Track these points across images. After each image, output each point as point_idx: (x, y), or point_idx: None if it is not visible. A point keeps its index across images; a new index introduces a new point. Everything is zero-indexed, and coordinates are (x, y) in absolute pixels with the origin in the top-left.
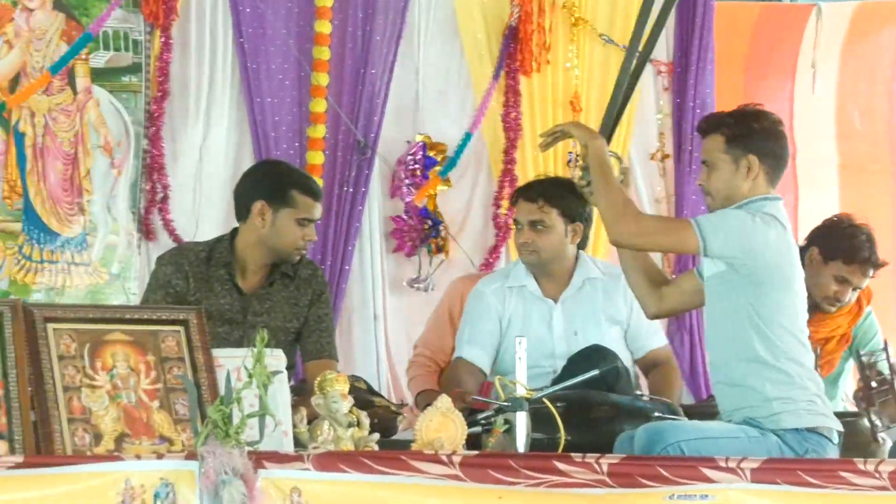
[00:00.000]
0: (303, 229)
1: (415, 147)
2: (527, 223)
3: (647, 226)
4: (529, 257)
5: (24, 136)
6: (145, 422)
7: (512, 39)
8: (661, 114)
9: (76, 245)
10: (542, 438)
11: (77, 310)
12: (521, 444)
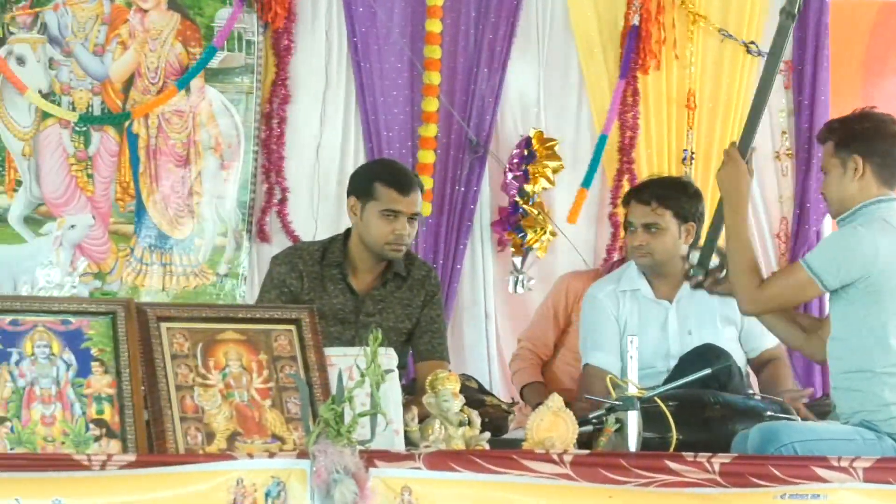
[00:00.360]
0: (391, 223)
1: (524, 140)
2: (640, 226)
3: (769, 295)
4: (643, 260)
5: (137, 137)
6: (257, 421)
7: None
8: (783, 112)
9: (185, 247)
10: (654, 438)
11: (190, 309)
12: (632, 443)
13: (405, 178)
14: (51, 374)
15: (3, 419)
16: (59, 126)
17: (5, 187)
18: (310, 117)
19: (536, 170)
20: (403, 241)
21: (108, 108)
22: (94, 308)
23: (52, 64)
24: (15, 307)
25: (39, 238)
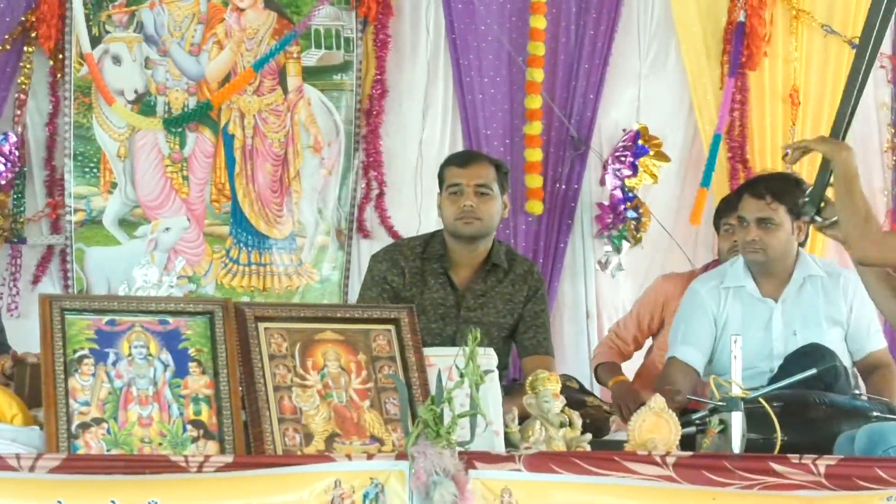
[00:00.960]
0: (457, 199)
1: (629, 135)
2: (754, 220)
3: (890, 243)
4: (755, 255)
5: (233, 137)
6: (356, 422)
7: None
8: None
9: (285, 247)
10: (758, 439)
11: (288, 309)
12: (736, 444)
13: (466, 153)
14: (148, 375)
15: (100, 420)
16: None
17: (101, 189)
18: (410, 114)
19: (644, 165)
20: (473, 213)
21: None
22: (192, 308)
23: (147, 63)
24: (112, 307)
25: (134, 241)
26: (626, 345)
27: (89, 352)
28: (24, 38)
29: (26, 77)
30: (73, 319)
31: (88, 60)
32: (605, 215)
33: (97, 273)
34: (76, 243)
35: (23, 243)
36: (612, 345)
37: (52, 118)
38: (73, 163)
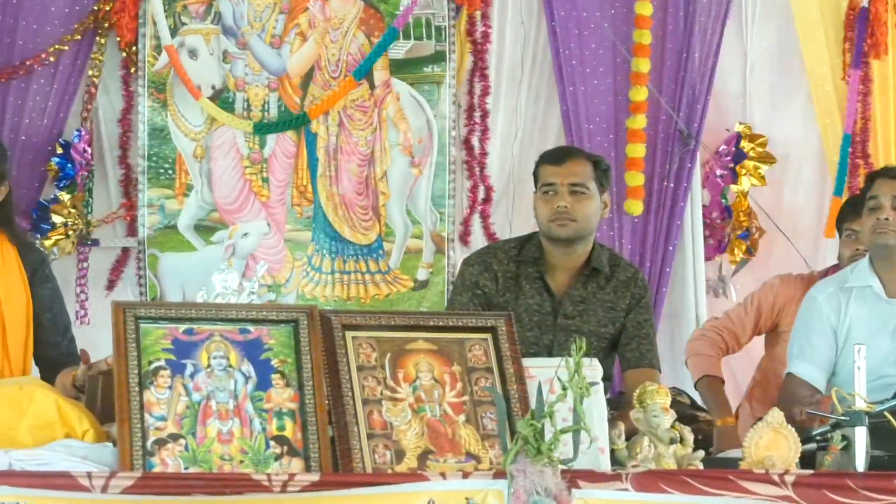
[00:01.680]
0: (550, 199)
1: (733, 137)
2: (889, 199)
3: None
4: (885, 238)
5: (316, 136)
6: (450, 437)
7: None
8: None
9: (371, 253)
10: (883, 456)
11: (378, 317)
12: (860, 462)
13: (561, 150)
14: (228, 388)
15: (177, 436)
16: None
17: (176, 192)
18: (506, 109)
19: (746, 169)
20: (567, 214)
21: (284, 105)
22: (275, 316)
23: (226, 57)
24: (189, 315)
25: (210, 247)
26: (734, 342)
27: (165, 363)
28: (95, 28)
29: (97, 70)
30: (148, 328)
31: (170, 53)
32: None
33: (171, 280)
34: (149, 249)
35: (95, 245)
36: (718, 338)
37: (125, 114)
38: (148, 163)
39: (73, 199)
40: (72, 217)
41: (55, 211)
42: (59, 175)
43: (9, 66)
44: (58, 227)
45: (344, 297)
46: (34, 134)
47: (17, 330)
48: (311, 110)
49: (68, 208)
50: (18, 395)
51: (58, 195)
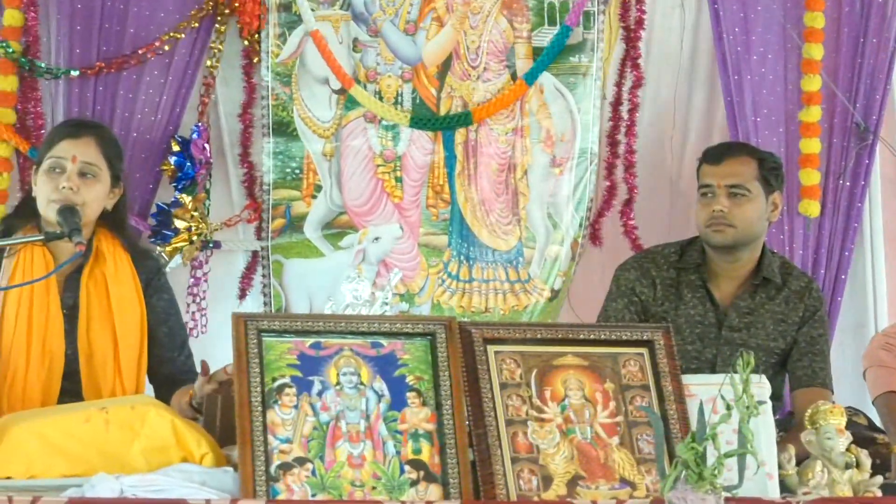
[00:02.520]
0: (708, 202)
1: None
2: None
3: None
4: None
5: (453, 132)
6: (603, 462)
7: None
8: None
9: (511, 259)
10: None
11: (522, 329)
12: None
13: (722, 147)
14: (359, 407)
15: (304, 460)
16: (364, 120)
17: (303, 193)
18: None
19: None
20: (724, 219)
21: (419, 97)
22: (410, 328)
23: (356, 46)
24: (317, 328)
25: (339, 252)
26: None
27: (291, 380)
28: (214, 15)
29: (216, 60)
30: (271, 342)
31: (316, 39)
32: None
33: (297, 289)
34: (273, 255)
35: (217, 247)
36: None
37: (247, 109)
38: (273, 162)
39: (195, 202)
40: (195, 221)
41: (177, 215)
42: (178, 175)
43: (119, 55)
44: (181, 233)
45: (482, 307)
46: (147, 130)
47: (130, 345)
48: (476, 111)
49: (191, 212)
50: (131, 415)
51: (178, 197)
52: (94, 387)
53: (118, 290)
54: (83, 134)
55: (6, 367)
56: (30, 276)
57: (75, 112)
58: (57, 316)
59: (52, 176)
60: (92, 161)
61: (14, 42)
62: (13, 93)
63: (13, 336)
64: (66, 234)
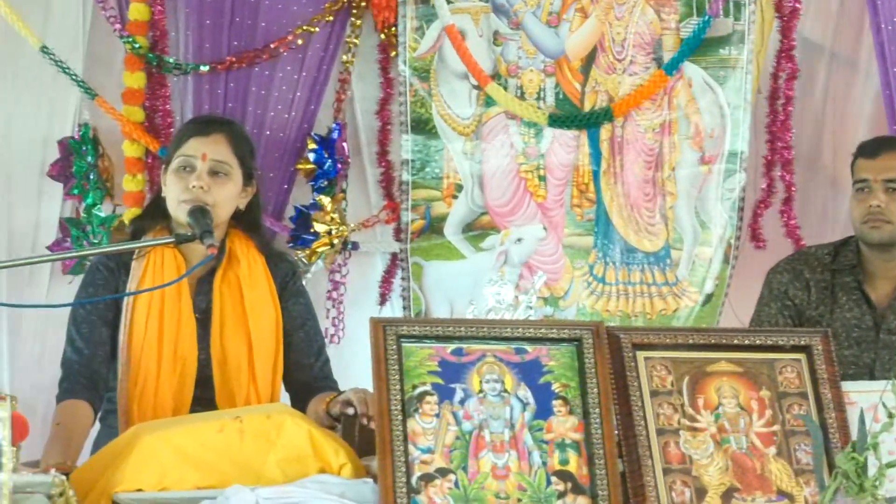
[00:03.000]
0: (864, 196)
1: None
2: None
3: None
4: None
5: (598, 129)
6: (759, 473)
7: None
8: None
9: (658, 262)
10: None
11: (673, 334)
12: None
13: (876, 141)
14: (503, 416)
15: (446, 471)
16: (506, 117)
17: (443, 193)
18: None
19: None
20: (881, 215)
21: (563, 92)
22: (556, 333)
23: (496, 39)
24: (458, 333)
25: (480, 254)
26: None
27: (432, 387)
28: (349, 7)
29: (352, 55)
30: (411, 348)
31: (450, 34)
32: None
33: (437, 292)
34: (412, 257)
35: (354, 249)
36: None
37: (384, 105)
38: (411, 159)
39: (333, 203)
40: (334, 223)
41: (317, 219)
42: (316, 174)
43: (250, 50)
44: (321, 237)
45: (628, 311)
46: (280, 128)
47: (266, 351)
48: (616, 106)
49: (330, 214)
50: (266, 424)
51: (316, 199)
52: (227, 394)
53: (252, 293)
54: (213, 131)
55: (137, 373)
56: (160, 280)
57: (205, 109)
58: (189, 320)
59: (182, 175)
60: (223, 159)
61: (141, 37)
62: (141, 90)
63: (143, 342)
64: (198, 235)
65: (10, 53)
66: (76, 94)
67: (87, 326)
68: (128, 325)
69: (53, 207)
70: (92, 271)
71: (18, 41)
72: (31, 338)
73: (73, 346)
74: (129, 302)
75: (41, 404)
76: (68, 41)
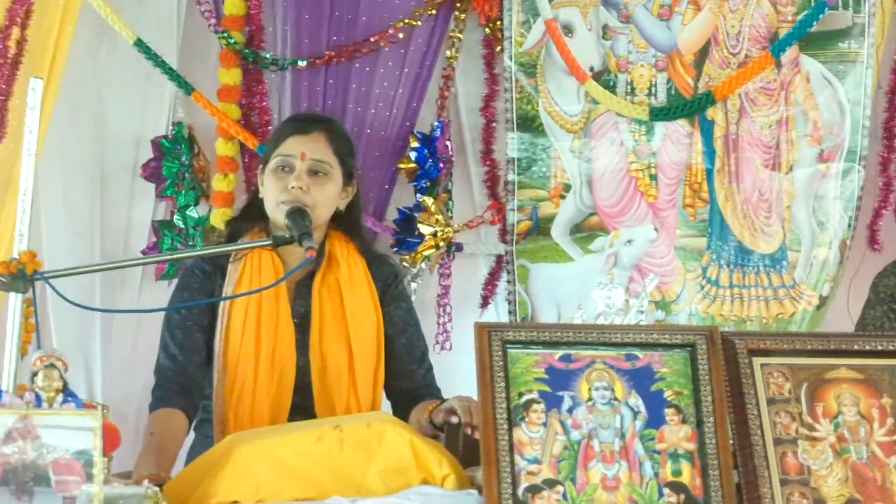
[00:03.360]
0: None
1: None
2: None
3: None
4: None
5: (713, 125)
6: (880, 484)
7: None
8: None
9: (774, 264)
10: None
11: (790, 340)
12: None
13: None
14: (613, 425)
15: (554, 482)
16: (615, 113)
17: (550, 193)
18: None
19: None
20: None
21: (675, 88)
22: (668, 339)
23: (606, 33)
24: (566, 339)
25: (589, 256)
26: None
27: (539, 395)
28: (453, 1)
29: (456, 50)
30: (518, 354)
31: (550, 29)
32: None
33: (544, 296)
34: (518, 259)
35: (459, 250)
36: None
37: (489, 102)
38: (517, 158)
39: (437, 203)
40: (439, 224)
41: (421, 220)
42: (417, 174)
43: (350, 44)
44: (426, 239)
45: (743, 315)
46: (382, 126)
47: (366, 357)
48: (717, 89)
49: (434, 215)
50: (367, 434)
51: (420, 200)
52: (327, 402)
53: (353, 297)
54: (312, 129)
55: (233, 380)
56: (258, 283)
57: (304, 106)
58: (287, 325)
59: (280, 175)
60: (322, 158)
61: (236, 32)
62: (237, 87)
63: (240, 347)
64: (296, 238)
65: (102, 49)
66: (170, 91)
67: (182, 332)
68: (224, 331)
69: (146, 208)
70: (187, 274)
71: (110, 36)
72: (122, 344)
73: (166, 352)
74: (225, 306)
75: (133, 413)
76: (162, 37)
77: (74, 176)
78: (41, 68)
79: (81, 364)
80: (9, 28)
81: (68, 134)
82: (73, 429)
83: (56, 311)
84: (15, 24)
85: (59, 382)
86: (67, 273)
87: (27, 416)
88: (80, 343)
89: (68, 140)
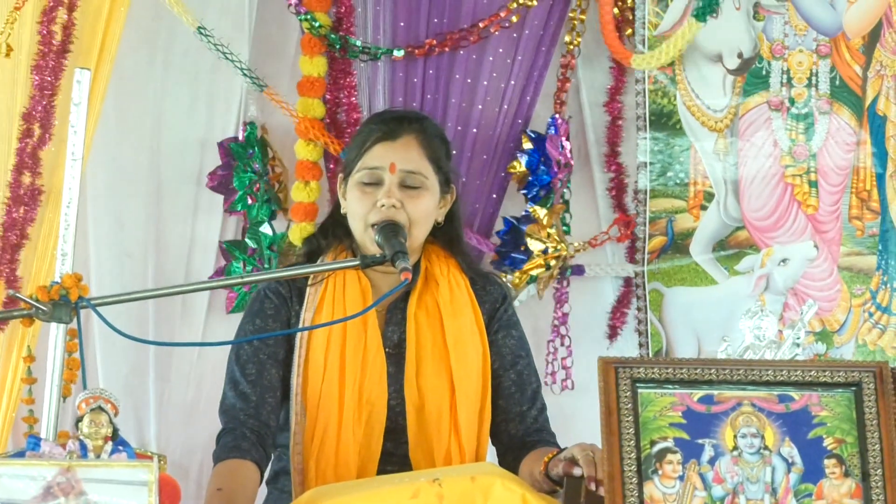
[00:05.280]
0: None
1: None
2: None
3: None
4: None
5: (884, 120)
6: None
7: None
8: None
9: None
10: None
11: None
12: None
13: None
14: (763, 479)
15: None
16: (769, 108)
17: (689, 203)
18: None
19: None
20: None
21: (839, 78)
22: (829, 377)
23: (757, 12)
24: (708, 376)
25: (735, 278)
26: None
27: (674, 443)
28: None
29: (577, 34)
30: (650, 395)
31: None
32: None
33: (681, 326)
34: (650, 283)
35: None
36: None
37: (614, 95)
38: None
39: (551, 215)
40: (551, 240)
41: (530, 233)
42: (528, 180)
43: (454, 30)
44: (535, 257)
45: None
46: (490, 125)
47: (471, 394)
48: None
49: (546, 228)
50: (471, 489)
51: (530, 210)
52: (424, 448)
53: (455, 322)
54: (401, 133)
55: (314, 424)
56: (342, 309)
57: (399, 102)
58: (378, 357)
59: (367, 191)
60: (415, 169)
61: (321, 14)
62: (321, 79)
63: (321, 384)
64: (388, 258)
65: (161, 37)
66: (240, 85)
67: (254, 366)
68: (303, 365)
69: (212, 225)
70: (259, 299)
71: (171, 22)
72: (182, 385)
73: (236, 390)
74: (304, 337)
75: (195, 464)
76: (231, 22)
77: (126, 185)
78: (88, 58)
79: (131, 408)
80: (54, 10)
81: (119, 136)
82: (125, 483)
83: (104, 344)
84: (61, 5)
85: (107, 429)
86: (117, 300)
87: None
88: (132, 382)
89: (119, 143)
